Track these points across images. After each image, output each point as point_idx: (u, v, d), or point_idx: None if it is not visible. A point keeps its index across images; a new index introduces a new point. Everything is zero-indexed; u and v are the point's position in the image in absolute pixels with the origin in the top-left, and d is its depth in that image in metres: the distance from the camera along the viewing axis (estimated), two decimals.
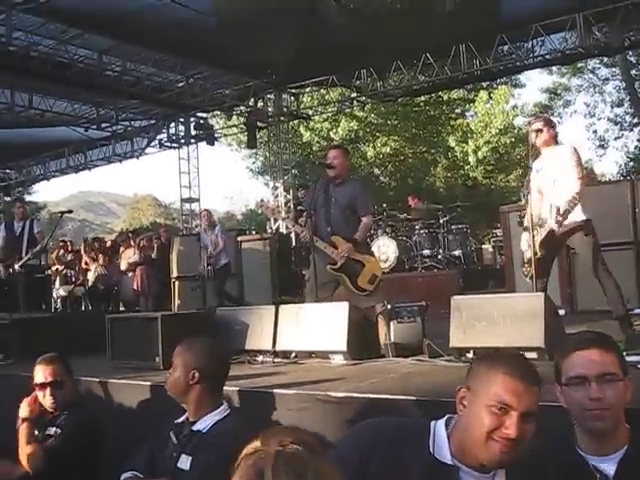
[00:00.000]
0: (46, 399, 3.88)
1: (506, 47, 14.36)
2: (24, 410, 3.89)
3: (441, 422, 2.12)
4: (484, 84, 23.94)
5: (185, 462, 2.99)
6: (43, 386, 3.87)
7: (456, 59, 14.16)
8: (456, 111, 27.79)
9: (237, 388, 4.05)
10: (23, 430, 3.85)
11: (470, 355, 4.44)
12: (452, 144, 26.37)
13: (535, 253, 5.19)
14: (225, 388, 3.77)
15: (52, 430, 3.84)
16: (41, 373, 3.90)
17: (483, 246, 14.70)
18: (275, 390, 3.97)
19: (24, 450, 3.71)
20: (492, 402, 1.96)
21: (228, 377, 3.46)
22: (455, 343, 4.50)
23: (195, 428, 3.08)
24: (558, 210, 4.98)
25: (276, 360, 5.20)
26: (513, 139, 25.84)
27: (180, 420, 3.20)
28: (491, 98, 25.47)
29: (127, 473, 3.17)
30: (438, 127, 27.28)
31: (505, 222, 8.94)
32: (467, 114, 28.22)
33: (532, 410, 1.98)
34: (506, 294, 6.23)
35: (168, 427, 3.22)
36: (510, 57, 14.70)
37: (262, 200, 16.67)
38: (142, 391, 4.55)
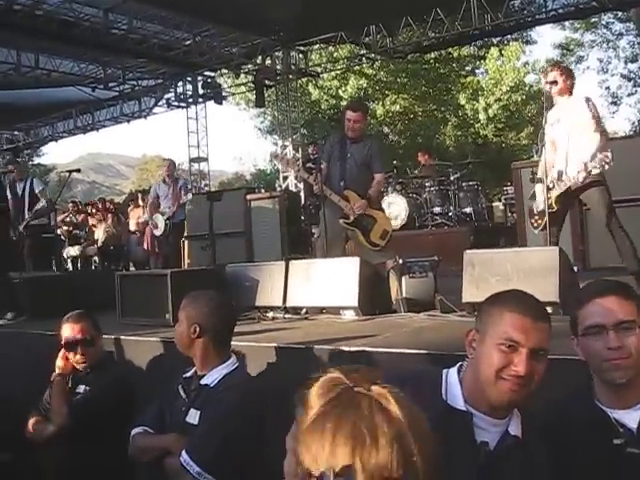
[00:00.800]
0: (76, 357, 3.83)
1: (517, 2, 14.14)
2: (59, 365, 3.86)
3: (453, 369, 2.10)
4: (495, 41, 23.57)
5: (194, 416, 2.99)
6: (73, 344, 3.84)
7: (467, 14, 13.94)
8: (466, 68, 27.43)
9: (246, 343, 4.02)
10: (57, 386, 3.83)
11: None
12: (462, 102, 26.06)
13: (550, 206, 5.13)
14: (235, 343, 3.75)
15: (81, 388, 3.82)
16: (70, 330, 3.85)
17: (494, 204, 14.59)
18: (286, 345, 3.94)
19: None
20: (500, 340, 1.92)
21: (239, 333, 3.44)
22: (468, 298, 4.45)
23: (203, 382, 3.07)
24: (585, 165, 4.89)
25: (287, 316, 5.17)
26: (524, 96, 25.51)
27: (188, 374, 3.19)
28: (502, 55, 25.08)
29: (137, 428, 3.17)
30: (448, 85, 26.96)
31: (517, 179, 8.85)
32: (477, 71, 27.86)
33: (541, 346, 1.94)
34: (520, 248, 6.18)
35: (177, 382, 3.21)
36: (522, 12, 14.48)
37: (276, 152, 16.54)
38: (153, 347, 4.54)
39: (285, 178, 17.87)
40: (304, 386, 1.28)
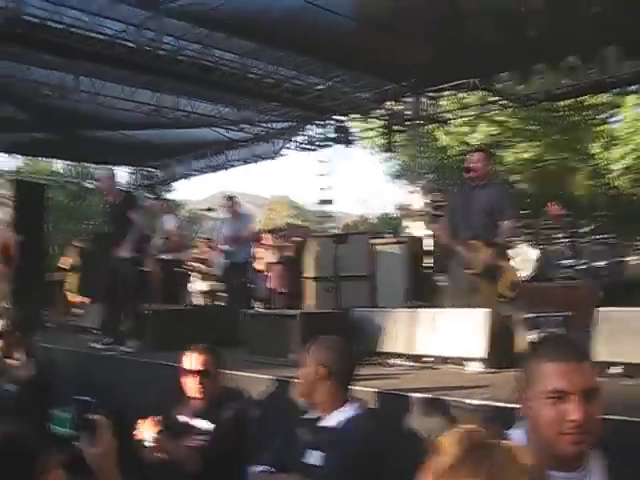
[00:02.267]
0: (192, 386, 3.96)
1: None
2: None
3: (518, 431, 2.00)
4: (633, 87, 22.81)
5: (315, 458, 3.01)
6: (191, 373, 3.96)
7: (603, 62, 13.58)
8: (600, 116, 26.63)
9: (373, 389, 4.03)
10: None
11: (616, 370, 4.23)
12: (595, 150, 25.31)
13: None
14: (358, 388, 3.78)
15: (202, 423, 3.91)
16: (193, 360, 3.99)
17: (628, 258, 14.02)
18: (408, 393, 3.92)
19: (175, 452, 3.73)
20: (547, 394, 1.85)
21: (362, 377, 3.46)
22: (600, 357, 4.29)
23: (324, 424, 3.10)
24: None
25: (411, 364, 5.14)
26: None
27: (308, 416, 3.23)
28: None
29: (259, 467, 3.22)
30: (580, 133, 26.25)
31: None
32: (612, 120, 26.99)
33: (590, 387, 1.86)
34: None
35: (298, 423, 3.25)
36: None
37: (402, 204, 16.49)
38: (276, 386, 4.61)
39: (413, 223, 17.83)
40: (438, 435, 1.32)
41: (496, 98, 16.96)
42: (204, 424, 3.89)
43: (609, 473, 1.92)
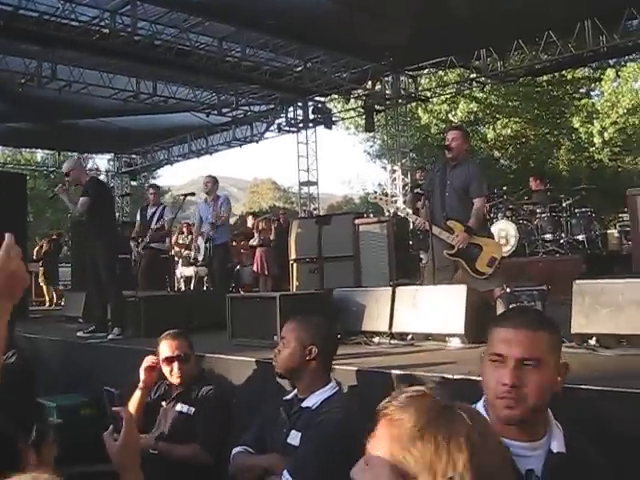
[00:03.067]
0: (173, 373, 4.01)
1: (635, 22, 13.69)
2: (143, 378, 4.06)
3: (479, 403, 2.04)
4: (611, 62, 22.88)
5: (295, 438, 3.05)
6: (170, 360, 4.01)
7: (581, 36, 13.62)
8: (580, 90, 26.70)
9: (354, 368, 4.07)
10: (138, 397, 4.03)
11: (592, 341, 4.29)
12: (576, 125, 25.40)
13: None
14: (341, 367, 3.82)
15: (184, 407, 3.95)
16: (167, 347, 4.04)
17: (609, 231, 14.12)
18: (391, 371, 3.96)
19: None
20: (489, 356, 1.92)
21: (344, 356, 3.50)
22: (577, 329, 4.35)
23: (304, 405, 3.13)
24: None
25: (392, 342, 5.20)
26: None
27: (289, 397, 3.26)
28: (619, 76, 24.32)
29: (239, 448, 3.27)
30: (561, 108, 26.32)
31: (633, 206, 8.56)
32: (592, 93, 27.08)
33: (528, 356, 1.88)
34: (632, 279, 5.98)
35: (278, 403, 3.29)
36: None
37: (375, 192, 16.49)
38: (257, 368, 4.65)
39: (395, 202, 17.90)
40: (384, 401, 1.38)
41: (475, 75, 16.98)
42: (184, 408, 3.94)
43: (570, 444, 1.94)
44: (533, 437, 1.91)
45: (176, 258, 14.51)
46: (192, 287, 14.24)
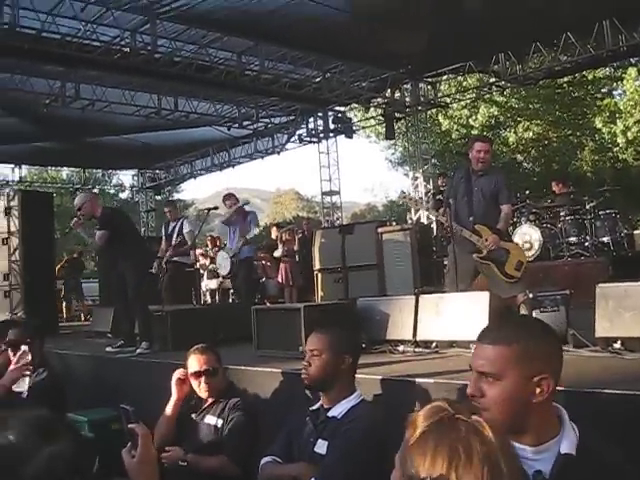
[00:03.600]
0: (201, 387, 4.07)
1: None
2: (175, 391, 4.15)
3: None
4: (633, 60, 22.70)
5: (322, 447, 3.10)
6: (198, 374, 4.07)
7: (599, 36, 13.55)
8: (602, 90, 26.51)
9: (379, 377, 4.11)
10: (170, 410, 4.11)
11: (617, 345, 4.29)
12: (599, 125, 25.21)
13: None
14: (366, 376, 3.86)
15: (213, 420, 4.01)
16: (196, 362, 4.09)
17: (635, 232, 14.01)
18: (416, 379, 3.99)
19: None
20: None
21: (369, 365, 3.54)
22: (601, 333, 4.36)
23: (330, 414, 3.19)
24: None
25: (417, 350, 5.23)
26: None
27: (315, 407, 3.31)
28: None
29: (267, 457, 3.32)
30: (583, 108, 26.14)
31: None
32: (614, 93, 26.87)
33: (486, 370, 1.97)
34: None
35: (304, 413, 3.34)
36: None
37: (403, 192, 16.49)
38: (283, 379, 4.70)
39: (417, 211, 17.91)
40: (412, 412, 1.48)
41: (494, 79, 16.95)
42: (212, 420, 4.00)
43: (584, 445, 1.98)
44: (537, 441, 1.97)
45: (201, 271, 14.62)
46: (217, 299, 14.36)
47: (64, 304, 17.04)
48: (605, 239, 10.94)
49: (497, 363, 1.98)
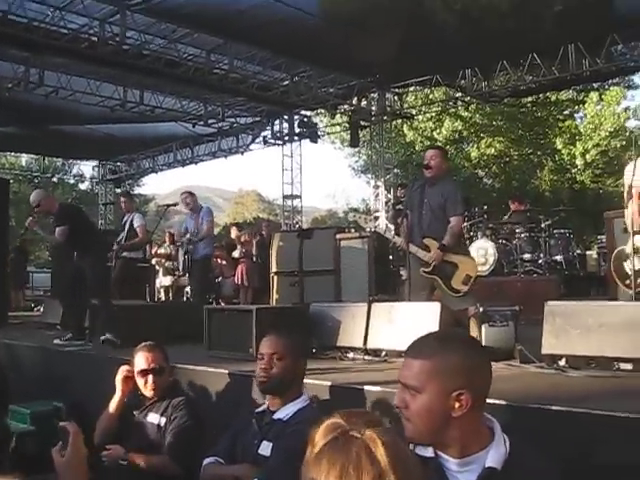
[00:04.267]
0: (147, 385, 4.04)
1: (619, 47, 13.89)
2: (120, 388, 4.12)
3: None
4: (595, 85, 23.17)
5: (266, 448, 3.11)
6: (145, 372, 4.04)
7: (564, 59, 13.80)
8: (564, 112, 26.99)
9: (328, 383, 4.12)
10: (114, 407, 4.08)
11: (562, 362, 4.36)
12: (559, 146, 25.67)
13: None
14: (315, 382, 3.87)
15: (156, 418, 3.99)
16: (143, 359, 4.07)
17: (588, 252, 14.27)
18: (364, 387, 4.02)
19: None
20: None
21: (318, 371, 3.56)
22: (547, 349, 4.43)
23: (276, 417, 3.20)
24: None
25: (366, 358, 5.25)
26: (624, 142, 24.88)
27: (261, 409, 3.32)
28: (602, 99, 24.63)
29: (210, 458, 3.32)
30: (545, 129, 26.58)
31: (610, 228, 8.64)
32: (576, 115, 27.38)
33: (409, 383, 2.04)
34: (602, 302, 6.07)
35: (250, 415, 3.34)
36: (623, 57, 14.21)
37: (354, 212, 16.54)
38: (232, 380, 4.70)
39: (376, 218, 17.98)
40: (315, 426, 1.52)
41: (460, 94, 17.14)
42: (155, 418, 3.98)
43: (513, 458, 2.03)
44: (461, 453, 2.03)
45: (157, 267, 14.51)
46: (171, 297, 14.26)
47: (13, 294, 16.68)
48: (558, 258, 11.13)
49: (418, 376, 2.04)
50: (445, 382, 2.01)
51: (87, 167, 29.60)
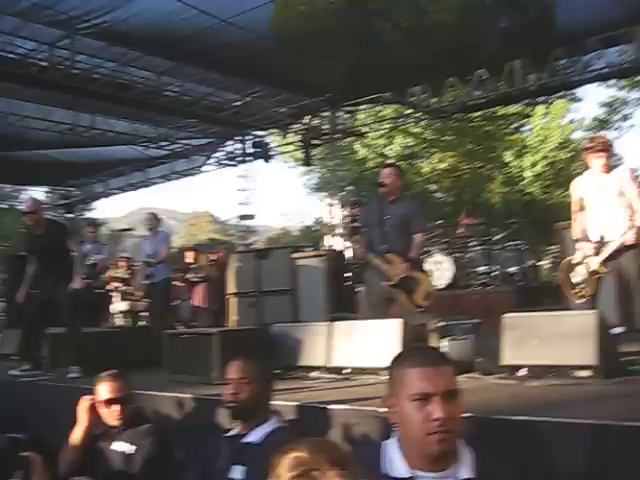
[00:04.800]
0: (113, 414, 3.97)
1: (562, 61, 14.21)
2: (84, 418, 4.05)
3: (392, 439, 2.15)
4: (540, 99, 23.64)
5: (237, 472, 3.10)
6: (110, 402, 3.97)
7: (510, 74, 14.08)
8: (512, 126, 27.48)
9: (293, 403, 4.14)
10: (79, 438, 4.01)
11: (522, 373, 4.45)
12: (508, 159, 26.10)
13: (596, 272, 5.25)
14: (280, 402, 3.88)
15: (123, 447, 3.90)
16: (107, 389, 4.00)
17: (540, 263, 14.54)
18: (328, 406, 4.04)
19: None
20: (413, 397, 2.00)
21: (283, 391, 3.58)
22: (507, 360, 4.52)
23: (247, 440, 3.19)
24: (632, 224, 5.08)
25: (329, 376, 5.28)
26: (571, 154, 25.44)
27: (231, 433, 3.32)
28: (548, 113, 25.15)
29: None
30: (494, 142, 27.01)
31: (561, 239, 8.84)
32: (523, 129, 27.90)
33: (450, 389, 2.03)
34: (558, 312, 6.19)
35: (219, 440, 3.34)
36: (567, 71, 14.54)
37: (320, 218, 16.67)
38: (196, 404, 4.68)
39: (332, 236, 18.04)
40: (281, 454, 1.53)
41: (410, 111, 17.33)
42: (124, 447, 3.93)
43: (481, 469, 2.06)
44: (443, 466, 2.03)
45: (112, 293, 14.32)
46: (130, 322, 14.07)
47: None
48: (512, 269, 11.32)
49: (454, 380, 2.07)
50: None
51: (37, 193, 29.10)
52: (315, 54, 12.59)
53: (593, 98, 63.79)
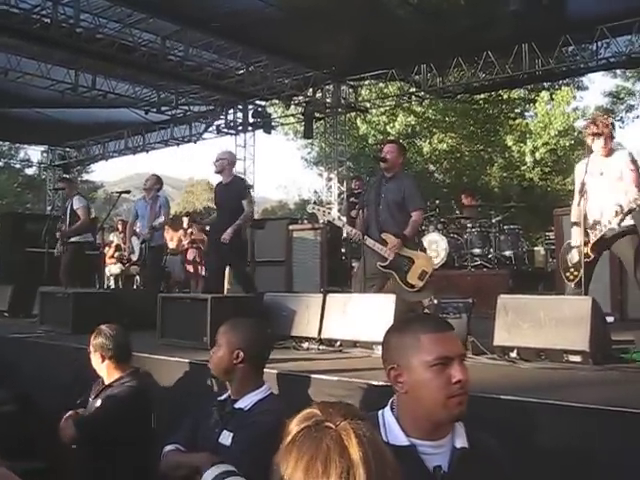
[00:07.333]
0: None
1: (570, 48, 14.15)
2: None
3: (387, 409, 2.13)
4: (546, 84, 23.55)
5: (226, 438, 3.10)
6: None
7: (518, 58, 14.01)
8: (516, 110, 27.39)
9: (276, 371, 4.14)
10: None
11: (513, 354, 4.46)
12: (509, 143, 26.04)
13: (587, 255, 5.22)
14: (268, 371, 3.88)
15: (98, 402, 3.96)
16: None
17: (535, 248, 14.56)
18: (317, 375, 4.04)
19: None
20: (432, 362, 1.99)
21: (272, 360, 3.57)
22: (499, 341, 4.52)
23: (237, 406, 3.19)
24: (621, 209, 5.03)
25: (321, 347, 5.29)
26: (572, 142, 25.36)
27: (222, 397, 3.31)
28: (552, 99, 25.05)
29: (170, 446, 3.29)
30: (496, 126, 26.93)
31: (558, 225, 8.83)
32: (527, 114, 27.80)
33: (464, 352, 2.13)
34: (553, 296, 6.21)
35: (211, 403, 3.33)
36: (574, 58, 14.49)
37: (314, 204, 16.58)
38: (188, 368, 4.68)
39: (330, 210, 18.02)
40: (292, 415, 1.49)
41: (414, 89, 17.25)
42: (97, 402, 3.96)
43: (472, 440, 2.07)
44: (440, 435, 2.04)
45: (106, 255, 14.31)
46: (121, 285, 14.08)
47: None
48: (507, 253, 11.33)
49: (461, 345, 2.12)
50: None
51: (34, 152, 28.99)
52: (322, 26, 12.48)
53: (598, 87, 63.81)
